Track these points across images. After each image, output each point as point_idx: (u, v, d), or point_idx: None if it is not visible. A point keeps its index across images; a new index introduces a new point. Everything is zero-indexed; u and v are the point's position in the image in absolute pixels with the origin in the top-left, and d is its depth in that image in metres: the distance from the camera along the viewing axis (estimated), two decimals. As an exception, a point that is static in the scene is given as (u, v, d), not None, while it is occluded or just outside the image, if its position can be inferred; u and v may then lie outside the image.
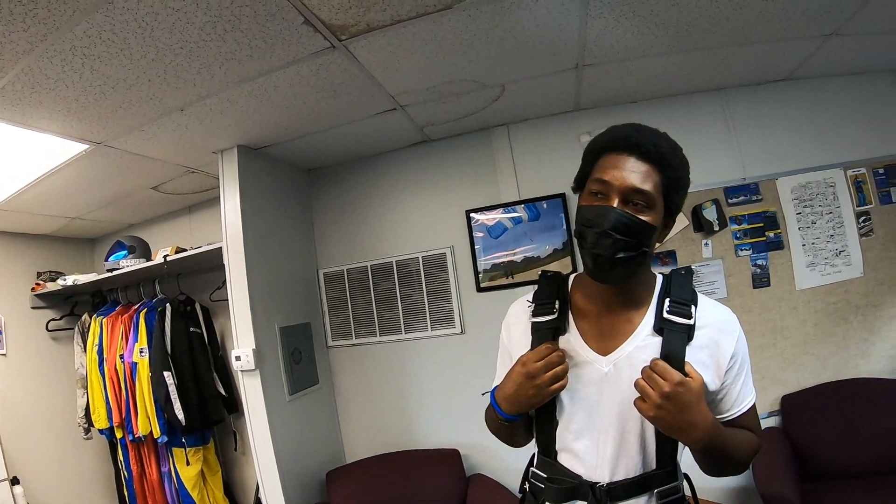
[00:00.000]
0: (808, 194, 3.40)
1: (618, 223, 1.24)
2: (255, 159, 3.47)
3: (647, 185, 1.26)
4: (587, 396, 1.32)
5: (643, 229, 1.26)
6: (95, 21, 1.92)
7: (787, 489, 2.67)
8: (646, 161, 1.27)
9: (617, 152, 1.29)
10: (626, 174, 1.26)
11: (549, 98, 3.34)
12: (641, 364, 1.27)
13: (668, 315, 1.32)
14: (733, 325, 1.37)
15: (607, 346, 1.34)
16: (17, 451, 4.10)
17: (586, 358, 1.34)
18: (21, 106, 2.45)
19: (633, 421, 1.29)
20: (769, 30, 2.72)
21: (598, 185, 1.29)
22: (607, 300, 1.37)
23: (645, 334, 1.33)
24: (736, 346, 1.34)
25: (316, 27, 2.17)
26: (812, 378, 3.34)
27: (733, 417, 1.36)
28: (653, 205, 1.27)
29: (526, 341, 1.41)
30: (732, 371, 1.33)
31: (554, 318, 1.39)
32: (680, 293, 1.36)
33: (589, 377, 1.33)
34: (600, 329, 1.36)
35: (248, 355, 3.18)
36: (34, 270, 4.59)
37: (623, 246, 1.25)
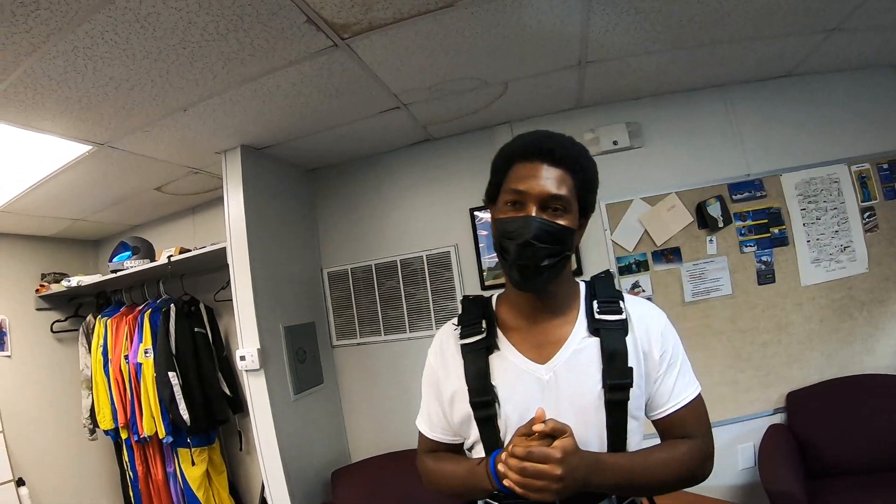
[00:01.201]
0: (813, 190, 3.39)
1: (539, 231, 1.23)
2: (258, 159, 3.47)
3: (563, 189, 1.26)
4: (530, 408, 1.26)
5: (564, 234, 1.27)
6: (98, 21, 1.92)
7: (792, 486, 2.66)
8: (558, 166, 1.27)
9: (529, 160, 1.29)
10: (541, 181, 1.26)
11: (551, 95, 3.33)
12: (582, 366, 1.28)
13: (601, 315, 1.33)
14: (660, 317, 1.38)
15: (544, 355, 1.32)
16: (23, 453, 4.10)
17: (525, 368, 1.32)
18: (24, 107, 2.45)
19: (581, 426, 1.24)
20: (771, 25, 2.71)
21: (513, 195, 1.28)
22: (536, 310, 1.36)
23: (580, 337, 1.32)
24: (665, 335, 1.34)
25: (318, 26, 2.17)
26: (817, 374, 3.33)
27: (671, 412, 1.33)
28: (570, 209, 1.28)
29: (460, 366, 1.37)
30: (664, 362, 1.32)
31: (483, 336, 1.36)
32: (606, 293, 1.37)
33: (531, 388, 1.30)
34: (533, 340, 1.35)
35: (252, 355, 3.18)
36: (38, 272, 4.59)
37: (547, 253, 1.25)
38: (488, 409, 1.31)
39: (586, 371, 1.28)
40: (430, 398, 1.48)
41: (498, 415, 1.31)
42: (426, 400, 1.50)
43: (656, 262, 3.45)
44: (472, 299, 1.47)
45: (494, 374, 1.33)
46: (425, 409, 1.51)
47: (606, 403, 1.26)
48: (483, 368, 1.33)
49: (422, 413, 1.52)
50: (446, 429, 1.45)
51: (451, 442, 1.46)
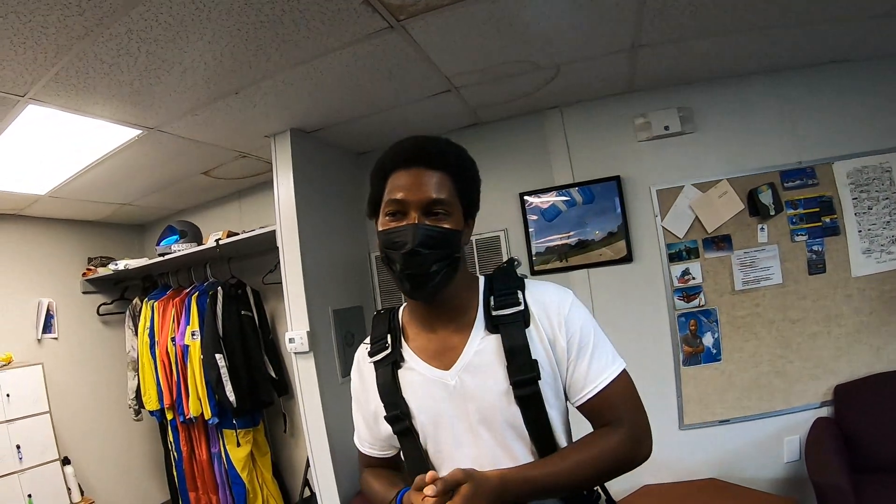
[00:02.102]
0: (865, 179, 3.32)
1: (424, 238, 1.20)
2: (307, 142, 3.49)
3: (443, 192, 1.24)
4: (444, 414, 1.28)
5: (449, 237, 1.24)
6: (153, 3, 1.92)
7: (840, 478, 2.63)
8: (437, 169, 1.25)
9: (406, 168, 1.26)
10: (421, 188, 1.23)
11: (603, 79, 3.30)
12: (485, 367, 1.26)
13: (498, 311, 1.29)
14: (562, 301, 1.31)
15: (448, 361, 1.30)
16: (69, 433, 4.20)
17: (431, 377, 1.30)
18: (74, 91, 2.47)
19: (495, 425, 1.25)
20: (824, 9, 2.66)
21: (394, 205, 1.25)
22: (433, 317, 1.34)
23: (479, 337, 1.29)
24: (568, 320, 1.28)
25: (375, 7, 2.15)
26: (865, 368, 3.27)
27: (591, 397, 1.27)
28: (452, 211, 1.26)
29: (373, 383, 1.37)
30: (573, 346, 1.27)
31: (389, 352, 1.35)
32: (503, 285, 1.33)
33: (440, 395, 1.28)
34: (436, 347, 1.32)
35: (302, 338, 3.21)
36: (85, 256, 4.70)
37: (434, 258, 1.22)
38: (402, 422, 1.31)
39: (490, 370, 1.25)
40: (357, 415, 1.48)
41: (414, 426, 1.31)
42: (355, 416, 1.50)
43: (707, 249, 3.41)
44: (379, 314, 1.46)
45: (404, 387, 1.32)
46: (356, 425, 1.51)
47: (517, 400, 1.23)
48: (391, 383, 1.32)
49: (356, 433, 1.52)
50: (374, 443, 1.45)
51: (382, 455, 1.46)
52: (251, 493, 3.98)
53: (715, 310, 3.40)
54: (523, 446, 1.25)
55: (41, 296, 4.33)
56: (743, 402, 3.36)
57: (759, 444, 3.32)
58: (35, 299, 4.29)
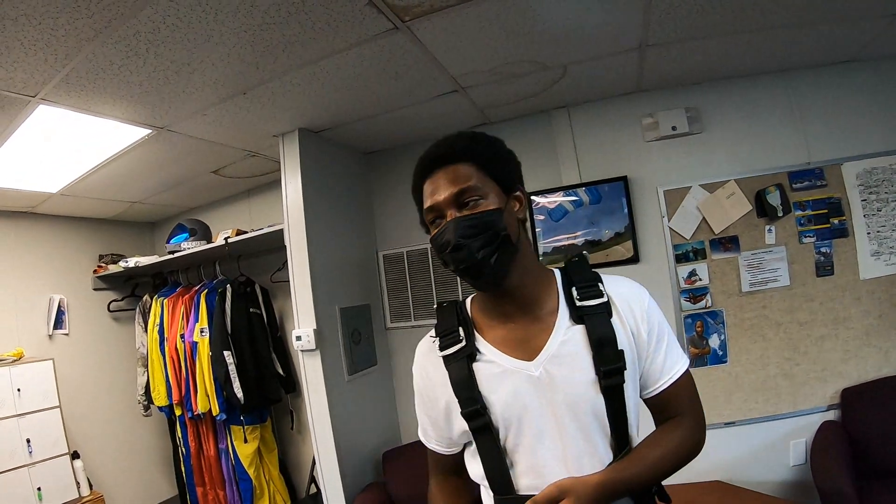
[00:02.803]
0: (874, 180, 3.30)
1: (462, 229, 1.21)
2: (315, 142, 3.51)
3: (468, 180, 1.24)
4: (528, 406, 1.25)
5: (487, 218, 1.22)
6: (160, 6, 1.94)
7: (845, 484, 2.61)
8: (452, 163, 1.26)
9: (428, 176, 1.29)
10: (444, 187, 1.24)
11: (610, 79, 3.30)
12: (571, 357, 1.24)
13: (582, 302, 1.29)
14: (642, 294, 1.35)
15: (530, 352, 1.27)
16: (78, 427, 4.26)
17: (513, 368, 1.27)
18: (85, 92, 2.51)
19: (581, 416, 1.23)
20: (835, 9, 2.65)
21: (430, 213, 1.28)
22: (509, 307, 1.31)
23: (564, 328, 1.28)
24: (649, 312, 1.31)
25: (380, 8, 2.17)
26: (874, 371, 3.25)
27: (665, 388, 1.32)
28: (485, 193, 1.25)
29: (443, 378, 1.32)
30: (653, 338, 1.30)
31: (463, 345, 1.31)
32: (583, 277, 1.33)
33: (524, 387, 1.25)
34: (515, 338, 1.30)
35: (308, 335, 3.23)
36: (96, 253, 4.76)
37: (479, 245, 1.20)
38: (480, 418, 1.26)
39: (577, 361, 1.25)
40: (421, 413, 1.45)
41: (492, 422, 1.27)
42: (419, 414, 1.47)
43: (714, 250, 3.40)
44: (445, 307, 1.42)
45: (481, 380, 1.28)
46: (420, 422, 1.48)
47: (604, 390, 1.23)
48: (467, 378, 1.28)
49: (420, 429, 1.49)
50: (441, 440, 1.42)
51: (450, 452, 1.43)
52: (258, 489, 4.02)
53: (722, 311, 3.39)
54: (604, 438, 1.25)
55: (53, 292, 4.39)
56: (749, 404, 3.34)
57: (765, 447, 3.31)
58: (47, 295, 4.35)
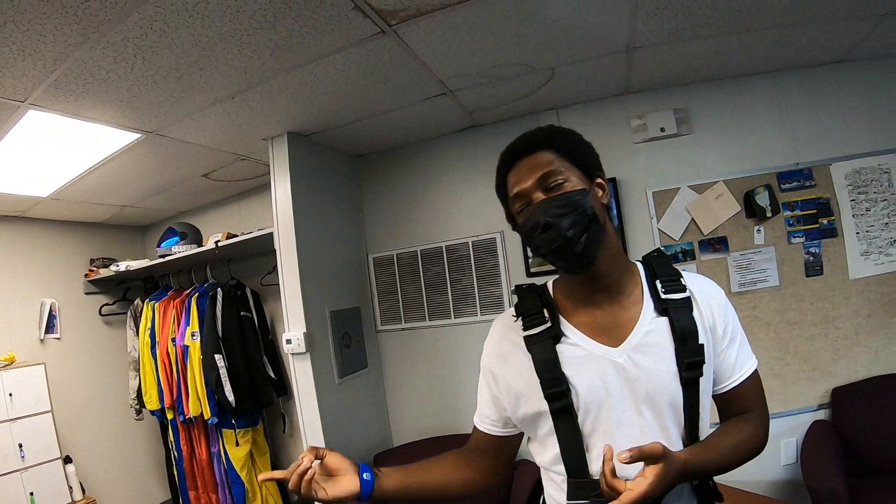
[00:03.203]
0: (863, 180, 3.31)
1: (549, 208, 1.22)
2: (304, 146, 3.51)
3: (550, 165, 1.26)
4: (609, 393, 1.25)
5: (575, 197, 1.24)
6: (147, 11, 1.95)
7: (835, 483, 2.61)
8: (533, 151, 1.29)
9: (510, 168, 1.32)
10: (528, 174, 1.27)
11: (599, 81, 3.30)
12: (655, 347, 1.26)
13: (667, 295, 1.31)
14: (719, 292, 1.38)
15: (615, 338, 1.28)
16: (70, 431, 4.25)
17: (598, 353, 1.27)
18: (74, 97, 2.51)
19: (660, 406, 1.24)
20: (822, 10, 2.65)
21: (517, 202, 1.30)
22: (596, 293, 1.32)
23: (650, 318, 1.29)
24: (725, 310, 1.34)
25: (366, 13, 2.17)
26: (863, 370, 3.26)
27: (735, 385, 1.34)
28: (568, 175, 1.26)
29: (524, 359, 1.32)
30: (727, 336, 1.32)
31: (549, 326, 1.31)
32: (666, 272, 1.35)
33: (608, 372, 1.26)
34: (600, 324, 1.31)
35: (298, 339, 3.23)
36: (87, 257, 4.75)
37: (568, 224, 1.22)
38: (564, 399, 1.25)
39: (660, 352, 1.26)
40: (485, 393, 1.45)
41: (574, 404, 1.26)
42: (481, 392, 1.47)
43: (703, 251, 3.41)
44: (526, 288, 1.43)
45: (565, 362, 1.27)
46: (479, 401, 1.48)
47: (683, 382, 1.24)
48: (553, 359, 1.28)
49: (478, 411, 1.49)
50: (497, 421, 1.43)
51: (503, 434, 1.44)
52: (250, 493, 4.01)
53: (711, 312, 3.38)
54: (677, 429, 1.26)
55: (44, 296, 4.38)
56: (740, 404, 3.34)
57: (756, 447, 3.31)
58: (38, 300, 4.34)
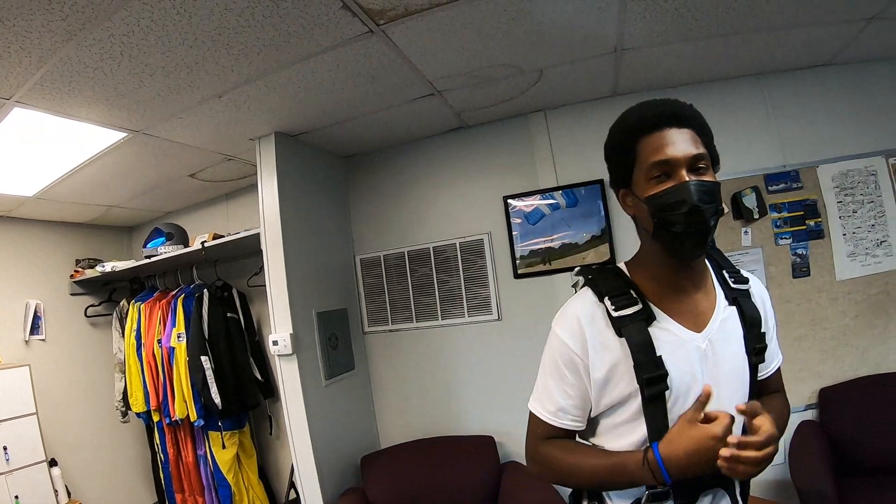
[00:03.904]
0: (850, 182, 3.33)
1: (701, 193, 1.20)
2: (292, 146, 3.50)
3: (700, 147, 1.25)
4: (695, 378, 1.26)
5: (717, 190, 1.25)
6: (134, 9, 1.93)
7: (823, 483, 2.64)
8: (685, 127, 1.25)
9: (658, 130, 1.25)
10: (681, 145, 1.23)
11: (587, 83, 3.30)
12: (730, 334, 1.32)
13: (735, 285, 1.38)
14: (763, 287, 1.48)
15: (697, 324, 1.31)
16: (56, 434, 4.19)
17: (686, 338, 1.29)
18: (60, 95, 2.49)
19: (735, 390, 1.30)
20: (809, 13, 2.67)
21: (660, 167, 1.23)
22: (683, 279, 1.33)
23: (724, 306, 1.35)
24: (769, 304, 1.45)
25: (354, 12, 2.17)
26: (851, 371, 3.28)
27: (772, 372, 1.47)
28: (709, 165, 1.27)
29: (612, 340, 1.29)
30: (770, 326, 1.42)
31: (640, 307, 1.29)
32: (729, 265, 1.43)
33: (694, 357, 1.28)
34: (685, 309, 1.32)
35: (285, 340, 3.21)
36: (73, 258, 4.70)
37: (711, 213, 1.22)
38: (660, 384, 1.25)
39: (734, 338, 1.32)
40: (565, 383, 1.35)
41: (668, 389, 1.26)
42: (551, 383, 1.38)
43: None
44: (598, 269, 1.41)
45: (659, 346, 1.27)
46: (547, 392, 1.39)
47: (750, 367, 1.33)
48: (648, 341, 1.26)
49: (542, 397, 1.41)
50: (576, 417, 1.37)
51: (575, 428, 1.39)
52: (237, 495, 3.98)
53: (699, 313, 3.39)
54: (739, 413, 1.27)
55: (29, 297, 4.32)
56: (727, 404, 3.35)
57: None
58: (23, 300, 4.28)
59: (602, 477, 1.30)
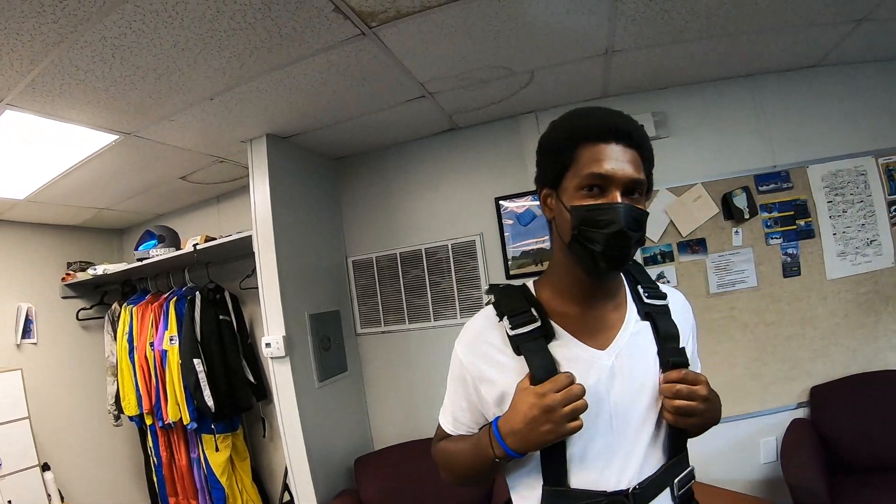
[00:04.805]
0: (839, 182, 3.35)
1: (630, 219, 1.15)
2: (283, 148, 3.49)
3: (641, 172, 1.19)
4: (598, 397, 1.20)
5: (646, 219, 1.21)
6: (126, 11, 1.93)
7: (815, 481, 2.66)
8: (631, 147, 1.19)
9: (605, 141, 1.18)
10: (624, 165, 1.17)
11: (577, 85, 3.31)
12: (640, 349, 1.26)
13: (650, 300, 1.33)
14: (687, 302, 1.44)
15: (602, 340, 1.26)
16: (48, 438, 4.17)
17: (587, 356, 1.24)
18: (51, 97, 2.48)
19: (646, 410, 1.23)
20: (799, 15, 2.68)
21: (595, 179, 1.16)
22: (592, 295, 1.28)
23: (634, 321, 1.29)
24: (692, 318, 1.42)
25: (346, 14, 2.17)
26: (841, 369, 3.30)
27: None
28: (643, 192, 1.21)
29: (509, 361, 1.25)
30: (691, 341, 1.38)
31: (539, 325, 1.24)
32: (646, 279, 1.38)
33: (598, 375, 1.22)
34: (587, 325, 1.27)
35: (278, 342, 3.21)
36: (64, 261, 4.67)
37: (636, 240, 1.18)
38: None
39: (644, 354, 1.26)
40: (459, 397, 1.36)
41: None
42: (453, 398, 1.39)
43: (682, 252, 3.43)
44: (504, 288, 1.35)
45: (562, 365, 1.21)
46: (451, 406, 1.40)
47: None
48: (549, 360, 1.20)
49: (445, 409, 1.43)
50: (472, 428, 1.36)
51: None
52: (231, 498, 3.97)
53: (690, 313, 3.40)
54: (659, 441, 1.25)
55: (20, 300, 4.29)
56: (718, 404, 3.36)
57: (736, 446, 3.34)
58: (14, 304, 4.25)
59: (470, 456, 1.30)
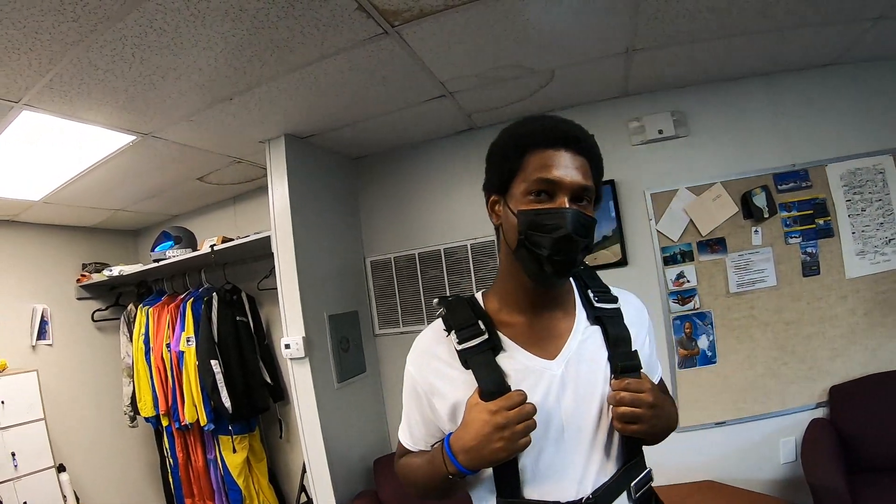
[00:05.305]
0: (858, 181, 3.34)
1: (579, 225, 1.15)
2: (301, 148, 3.49)
3: (589, 180, 1.20)
4: (546, 407, 1.20)
5: (593, 226, 1.21)
6: (147, 10, 1.92)
7: (836, 480, 2.64)
8: (582, 155, 1.19)
9: (553, 148, 1.18)
10: (572, 171, 1.17)
11: (597, 83, 3.31)
12: (590, 355, 1.24)
13: (599, 304, 1.31)
14: (642, 304, 1.42)
15: (551, 349, 1.24)
16: (64, 439, 4.18)
17: (536, 366, 1.22)
18: (69, 98, 2.47)
19: (598, 417, 1.22)
20: (817, 13, 2.67)
21: (543, 184, 1.17)
22: (540, 304, 1.28)
23: (584, 327, 1.28)
24: (649, 322, 1.40)
25: (369, 13, 2.16)
26: (860, 369, 3.28)
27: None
28: (592, 200, 1.21)
29: (458, 375, 1.24)
30: (647, 342, 1.37)
31: (486, 338, 1.23)
32: (596, 284, 1.36)
33: (548, 385, 1.21)
34: (536, 335, 1.26)
35: (297, 343, 3.20)
36: (79, 262, 4.69)
37: (584, 246, 1.18)
38: None
39: (594, 360, 1.24)
40: (414, 411, 1.36)
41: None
42: (408, 413, 1.38)
43: (701, 252, 3.42)
44: (452, 301, 1.33)
45: (510, 377, 1.20)
46: (407, 421, 1.40)
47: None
48: (498, 373, 1.19)
49: (403, 425, 1.42)
50: (429, 438, 1.34)
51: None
52: (247, 499, 3.98)
53: (710, 312, 3.41)
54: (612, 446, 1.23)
55: (36, 302, 4.31)
56: (738, 403, 3.36)
57: (756, 446, 3.33)
58: (29, 305, 4.27)
59: (426, 472, 1.29)
